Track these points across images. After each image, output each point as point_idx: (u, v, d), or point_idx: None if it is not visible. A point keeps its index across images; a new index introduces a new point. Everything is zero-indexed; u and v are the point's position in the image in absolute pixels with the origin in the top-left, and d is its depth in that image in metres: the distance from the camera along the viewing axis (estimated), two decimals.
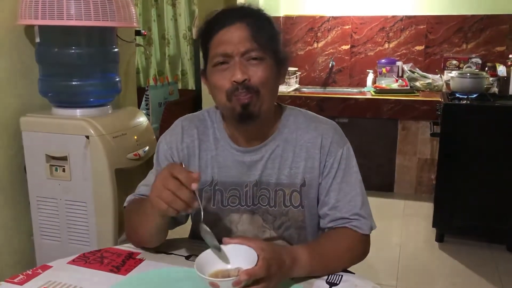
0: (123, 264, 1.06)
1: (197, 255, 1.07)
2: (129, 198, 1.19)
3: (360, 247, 1.11)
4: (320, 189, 1.14)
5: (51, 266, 1.05)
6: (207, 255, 0.93)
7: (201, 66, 1.14)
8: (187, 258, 1.10)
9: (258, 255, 0.88)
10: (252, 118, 1.05)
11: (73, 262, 1.08)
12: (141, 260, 1.08)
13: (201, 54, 1.12)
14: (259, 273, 0.86)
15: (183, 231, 1.26)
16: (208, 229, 0.94)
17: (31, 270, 1.03)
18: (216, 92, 1.07)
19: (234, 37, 1.02)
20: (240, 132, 1.13)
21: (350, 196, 1.12)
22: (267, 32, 1.05)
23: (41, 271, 1.03)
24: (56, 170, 1.78)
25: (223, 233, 1.08)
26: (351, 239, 1.09)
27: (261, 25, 1.05)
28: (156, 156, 1.20)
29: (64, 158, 1.75)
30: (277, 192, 1.13)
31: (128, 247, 1.15)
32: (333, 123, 1.19)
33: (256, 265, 0.86)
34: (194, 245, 1.15)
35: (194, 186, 0.90)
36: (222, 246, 0.93)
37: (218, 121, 1.17)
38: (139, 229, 1.09)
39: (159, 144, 1.20)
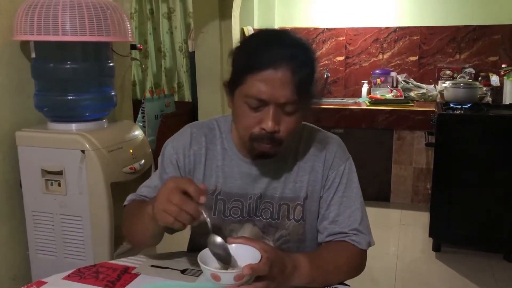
0: (118, 279, 1.06)
1: (193, 269, 1.07)
2: (130, 197, 1.19)
3: (358, 261, 1.11)
4: (321, 202, 1.14)
5: (46, 282, 1.05)
6: (208, 253, 0.93)
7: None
8: (182, 272, 1.09)
9: (261, 255, 0.89)
10: (268, 158, 1.08)
11: (68, 277, 1.07)
12: (136, 275, 1.08)
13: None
14: (262, 270, 0.86)
15: (181, 243, 1.26)
16: (219, 240, 0.93)
17: (26, 286, 1.03)
18: (239, 122, 1.05)
19: (275, 84, 0.96)
20: None
21: (350, 211, 1.12)
22: (308, 81, 1.01)
23: (36, 287, 1.03)
24: (52, 184, 1.78)
25: None
26: (349, 252, 1.10)
27: (305, 72, 0.99)
28: (161, 158, 1.19)
29: (60, 173, 1.76)
30: (281, 206, 1.13)
31: (123, 261, 1.15)
32: (337, 137, 1.20)
33: (260, 262, 0.87)
34: (190, 259, 1.15)
35: (203, 199, 0.91)
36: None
37: (226, 131, 1.17)
38: (136, 231, 1.09)
39: (165, 147, 1.19)
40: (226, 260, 0.92)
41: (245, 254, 0.91)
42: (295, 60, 0.97)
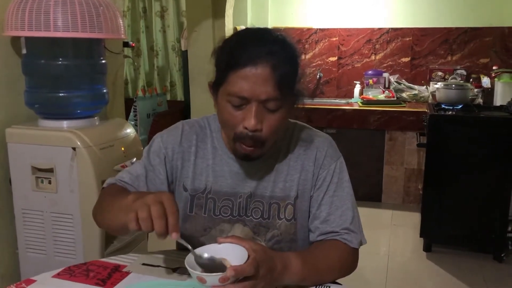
0: (109, 277, 1.05)
1: (184, 268, 1.07)
2: (109, 180, 1.17)
3: (349, 259, 1.11)
4: (311, 201, 1.14)
5: (35, 280, 1.04)
6: (199, 251, 0.93)
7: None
8: (174, 270, 1.09)
9: (249, 255, 0.88)
10: (252, 160, 1.07)
11: (58, 275, 1.06)
12: (127, 273, 1.07)
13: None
14: (246, 271, 0.86)
15: (171, 242, 1.25)
16: (205, 255, 0.92)
17: (15, 284, 1.02)
18: (223, 122, 1.06)
19: (255, 81, 0.96)
20: None
21: (341, 210, 1.12)
22: (290, 77, 1.00)
23: (25, 285, 1.01)
24: (42, 182, 1.77)
25: (212, 241, 1.08)
26: (341, 251, 1.09)
27: (286, 68, 0.99)
28: (148, 149, 1.18)
29: (50, 170, 1.74)
30: (272, 205, 1.13)
31: (114, 260, 1.14)
32: (328, 136, 1.19)
33: (245, 263, 0.87)
34: (182, 257, 1.14)
35: (174, 236, 0.89)
36: (215, 245, 0.94)
37: (216, 130, 1.16)
38: (106, 217, 1.06)
39: (154, 139, 1.18)
40: (216, 269, 0.90)
41: (234, 254, 0.90)
42: (275, 56, 0.97)
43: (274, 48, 0.98)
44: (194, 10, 3.67)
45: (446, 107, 3.04)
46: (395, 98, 3.81)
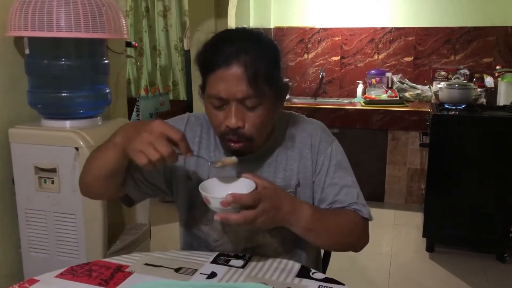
0: (111, 277, 1.05)
1: (187, 268, 1.07)
2: None
3: (360, 227, 1.14)
4: (314, 187, 1.17)
5: (38, 280, 1.04)
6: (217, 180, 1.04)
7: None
8: (176, 270, 1.09)
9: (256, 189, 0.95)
10: (245, 155, 1.09)
11: (61, 275, 1.07)
12: (130, 273, 1.07)
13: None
14: (245, 200, 0.92)
15: (174, 242, 1.26)
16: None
17: (18, 284, 1.02)
18: (210, 123, 1.11)
19: (230, 81, 0.99)
20: None
21: (346, 190, 1.15)
22: (266, 72, 1.01)
23: (28, 285, 1.02)
24: (45, 182, 1.77)
25: (216, 232, 1.13)
26: (352, 217, 1.13)
27: (260, 64, 1.00)
28: None
29: (53, 170, 1.74)
30: None
31: (117, 260, 1.14)
32: (320, 122, 1.24)
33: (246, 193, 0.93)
34: (184, 257, 1.14)
35: (190, 155, 0.95)
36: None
37: None
38: (93, 167, 1.08)
39: None
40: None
41: (247, 188, 0.97)
42: (246, 55, 0.99)
43: (245, 46, 1.00)
44: (197, 10, 3.67)
45: (449, 107, 3.04)
46: (398, 98, 3.80)
